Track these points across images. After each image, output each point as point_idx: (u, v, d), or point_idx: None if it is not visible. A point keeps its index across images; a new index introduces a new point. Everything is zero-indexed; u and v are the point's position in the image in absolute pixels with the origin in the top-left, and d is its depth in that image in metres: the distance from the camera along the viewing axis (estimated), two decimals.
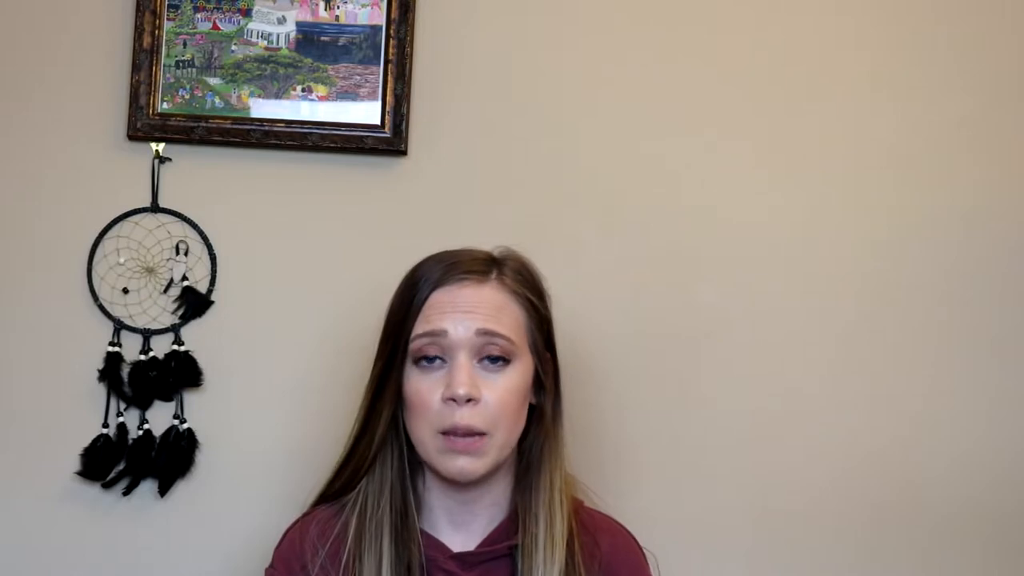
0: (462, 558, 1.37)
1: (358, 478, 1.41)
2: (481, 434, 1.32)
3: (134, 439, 1.79)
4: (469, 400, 1.31)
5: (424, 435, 1.34)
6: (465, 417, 1.31)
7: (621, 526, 1.46)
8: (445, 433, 1.32)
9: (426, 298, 1.36)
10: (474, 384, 1.32)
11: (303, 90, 1.82)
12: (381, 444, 1.39)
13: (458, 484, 1.36)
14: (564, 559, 1.34)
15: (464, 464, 1.32)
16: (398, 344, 1.36)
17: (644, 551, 1.45)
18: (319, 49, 1.82)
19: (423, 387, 1.34)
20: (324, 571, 1.37)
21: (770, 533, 1.81)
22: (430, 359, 1.35)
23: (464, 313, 1.34)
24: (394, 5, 1.81)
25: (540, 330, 1.41)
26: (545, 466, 1.39)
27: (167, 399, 1.80)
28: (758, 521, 1.82)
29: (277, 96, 1.82)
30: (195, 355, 1.80)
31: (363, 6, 1.82)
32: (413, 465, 1.40)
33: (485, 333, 1.33)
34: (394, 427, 1.38)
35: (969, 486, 1.82)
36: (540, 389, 1.41)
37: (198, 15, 1.82)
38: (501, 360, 1.34)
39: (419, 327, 1.35)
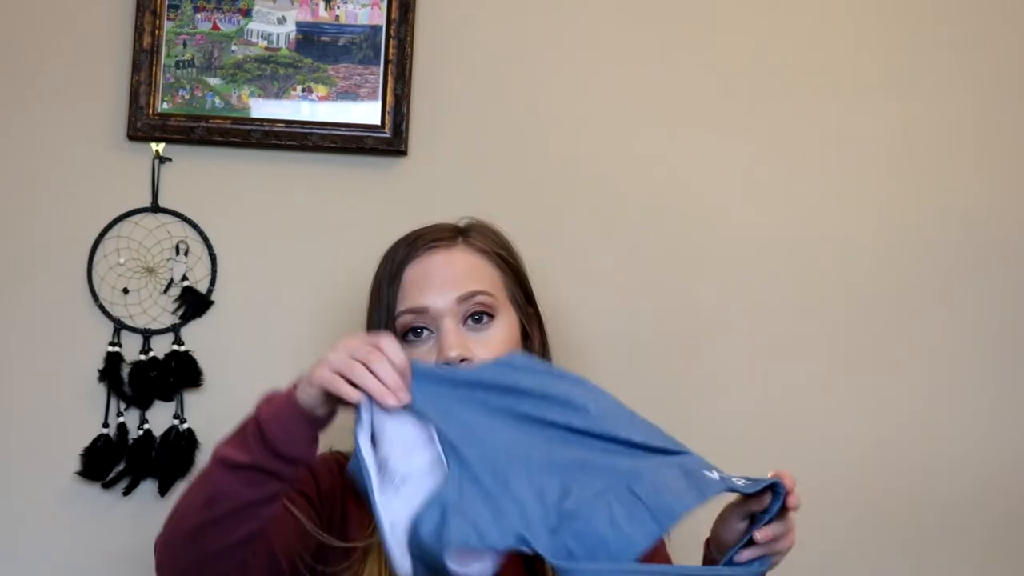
0: None
1: None
2: None
3: (134, 439, 1.79)
4: (463, 360, 1.32)
5: None
6: None
7: None
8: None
9: (400, 275, 1.38)
10: (464, 345, 1.33)
11: (303, 90, 1.82)
12: None
13: None
14: None
15: None
16: (385, 326, 1.37)
17: None
18: (319, 49, 1.82)
19: (417, 358, 1.32)
20: (343, 514, 1.36)
21: None
22: (417, 332, 1.36)
23: (440, 285, 1.36)
24: (394, 5, 1.81)
25: (518, 284, 1.43)
26: None
27: (167, 399, 1.80)
28: None
29: (277, 96, 1.82)
30: (195, 355, 1.80)
31: (363, 6, 1.82)
32: None
33: (464, 298, 1.35)
34: None
35: (969, 486, 1.82)
36: (527, 343, 1.42)
37: (198, 15, 1.82)
38: (486, 316, 1.36)
39: (400, 304, 1.37)
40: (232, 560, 1.20)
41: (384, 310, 1.38)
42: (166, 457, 1.78)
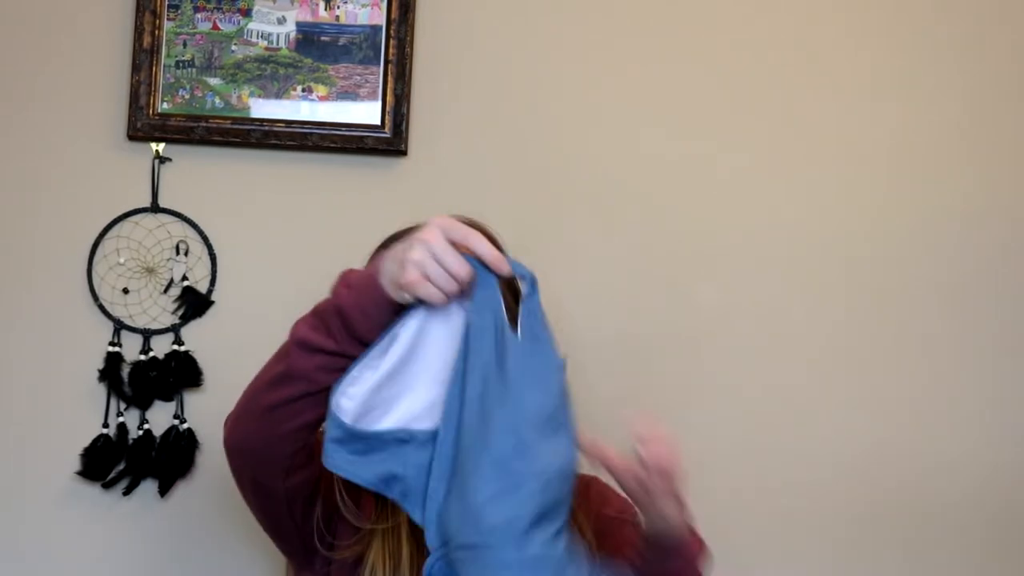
0: None
1: None
2: None
3: (134, 439, 1.79)
4: None
5: None
6: None
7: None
8: None
9: None
10: None
11: (303, 90, 1.82)
12: None
13: None
14: None
15: None
16: None
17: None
18: (319, 49, 1.82)
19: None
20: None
21: (768, 533, 1.81)
22: None
23: None
24: (394, 5, 1.81)
25: (507, 286, 1.42)
26: None
27: (167, 399, 1.80)
28: (757, 521, 1.82)
29: (277, 96, 1.82)
30: (195, 355, 1.80)
31: (363, 6, 1.82)
32: None
33: None
34: None
35: (969, 486, 1.82)
36: None
37: (198, 15, 1.82)
38: None
39: None
40: (297, 442, 1.23)
41: None
42: (166, 457, 1.78)
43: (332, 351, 1.19)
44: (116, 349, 1.79)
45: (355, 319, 1.18)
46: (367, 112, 1.81)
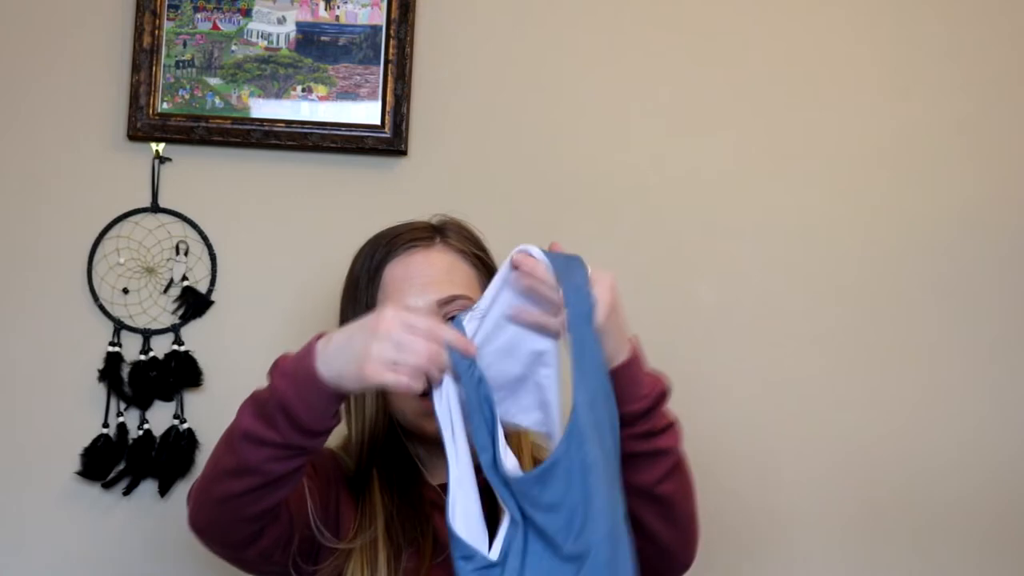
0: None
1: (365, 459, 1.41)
2: None
3: (134, 439, 1.79)
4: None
5: (404, 404, 1.36)
6: None
7: None
8: (424, 395, 1.31)
9: (380, 274, 1.38)
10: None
11: (303, 90, 1.82)
12: (374, 423, 1.39)
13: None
14: None
15: None
16: None
17: None
18: (319, 49, 1.82)
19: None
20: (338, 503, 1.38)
21: (768, 533, 1.81)
22: None
23: (422, 287, 1.36)
24: (394, 5, 1.81)
25: None
26: None
27: (167, 399, 1.80)
28: (757, 521, 1.82)
29: (277, 96, 1.82)
30: (195, 355, 1.80)
31: (363, 6, 1.82)
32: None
33: (444, 302, 1.35)
34: (380, 403, 1.39)
35: (968, 485, 1.82)
36: None
37: (198, 15, 1.82)
38: None
39: (380, 304, 1.36)
40: (263, 520, 1.24)
41: (362, 308, 1.37)
42: (166, 457, 1.78)
43: (280, 444, 1.18)
44: (116, 349, 1.79)
45: (295, 408, 1.16)
46: (367, 112, 1.81)
